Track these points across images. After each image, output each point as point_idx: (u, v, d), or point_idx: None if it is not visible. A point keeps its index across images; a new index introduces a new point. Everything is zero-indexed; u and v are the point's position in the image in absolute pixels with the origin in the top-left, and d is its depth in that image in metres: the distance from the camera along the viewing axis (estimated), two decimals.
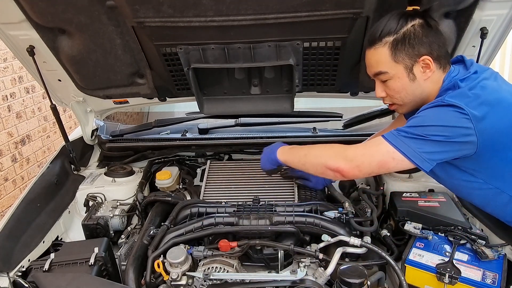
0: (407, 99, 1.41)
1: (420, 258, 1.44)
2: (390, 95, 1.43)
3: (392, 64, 1.35)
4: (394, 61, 1.34)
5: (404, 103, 1.43)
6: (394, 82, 1.38)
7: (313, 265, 1.44)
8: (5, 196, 3.92)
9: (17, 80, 4.11)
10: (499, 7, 1.47)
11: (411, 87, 1.37)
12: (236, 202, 1.75)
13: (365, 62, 1.43)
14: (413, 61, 1.33)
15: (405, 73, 1.35)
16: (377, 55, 1.36)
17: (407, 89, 1.38)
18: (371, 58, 1.39)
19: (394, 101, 1.45)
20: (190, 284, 1.43)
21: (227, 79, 1.83)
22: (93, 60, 1.75)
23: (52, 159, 2.11)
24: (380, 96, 1.46)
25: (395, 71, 1.36)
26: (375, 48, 1.36)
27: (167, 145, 2.22)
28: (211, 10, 1.43)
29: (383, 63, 1.36)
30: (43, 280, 1.36)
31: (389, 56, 1.34)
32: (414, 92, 1.39)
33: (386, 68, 1.36)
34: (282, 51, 1.64)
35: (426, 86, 1.38)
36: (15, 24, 1.61)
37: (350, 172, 1.37)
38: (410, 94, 1.40)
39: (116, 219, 1.89)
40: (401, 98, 1.42)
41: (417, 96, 1.40)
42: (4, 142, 3.90)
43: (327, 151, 1.47)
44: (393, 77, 1.37)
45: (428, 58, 1.32)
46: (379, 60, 1.36)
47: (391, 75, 1.37)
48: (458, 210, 1.65)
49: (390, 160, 1.30)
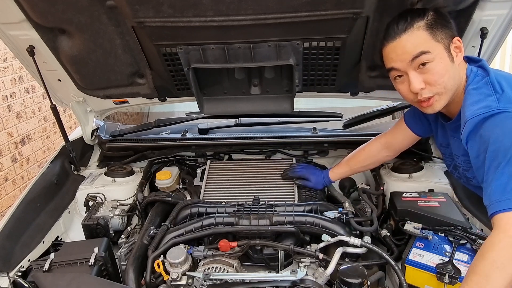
0: (450, 84, 1.29)
1: (420, 258, 1.44)
2: (433, 81, 1.28)
3: (433, 44, 1.25)
4: (434, 40, 1.25)
5: (447, 89, 1.30)
6: (437, 63, 1.26)
7: (313, 265, 1.44)
8: (5, 196, 3.92)
9: (17, 80, 4.11)
10: (499, 7, 1.47)
11: (452, 69, 1.28)
12: (236, 202, 1.76)
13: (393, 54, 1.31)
14: (448, 41, 1.26)
15: (446, 53, 1.26)
16: (414, 38, 1.25)
17: (449, 72, 1.28)
18: (406, 45, 1.26)
19: (436, 90, 1.29)
20: (190, 284, 1.43)
21: (227, 79, 1.83)
22: (93, 60, 1.75)
23: (52, 159, 2.11)
24: (419, 87, 1.29)
25: (438, 50, 1.25)
26: (409, 34, 1.25)
27: (167, 145, 2.22)
28: (211, 10, 1.43)
29: (423, 44, 1.25)
30: (43, 280, 1.36)
31: (429, 36, 1.24)
32: (454, 76, 1.30)
33: (428, 47, 1.25)
34: (282, 51, 1.64)
35: (460, 73, 1.31)
36: (15, 24, 1.61)
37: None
38: (452, 78, 1.29)
39: (116, 219, 1.89)
40: (444, 83, 1.28)
41: (456, 83, 1.31)
42: (4, 142, 3.91)
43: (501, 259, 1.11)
44: (435, 58, 1.26)
45: (459, 39, 1.27)
46: (418, 42, 1.25)
47: (434, 55, 1.25)
48: (458, 210, 1.65)
49: None
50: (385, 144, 1.78)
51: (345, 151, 2.21)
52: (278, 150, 2.28)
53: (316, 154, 2.29)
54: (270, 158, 2.29)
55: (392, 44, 1.29)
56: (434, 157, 2.11)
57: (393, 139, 1.77)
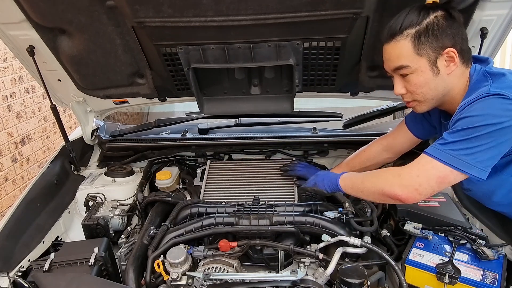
0: (429, 95, 1.34)
1: (420, 258, 1.44)
2: (411, 90, 1.35)
3: (415, 57, 1.28)
4: (417, 54, 1.27)
5: (426, 99, 1.36)
6: (416, 76, 1.31)
7: (313, 265, 1.44)
8: (5, 196, 3.92)
9: (17, 80, 4.11)
10: (499, 7, 1.47)
11: (434, 81, 1.31)
12: (236, 202, 1.75)
13: (384, 56, 1.37)
14: (437, 53, 1.27)
15: (428, 66, 1.29)
16: (398, 49, 1.29)
17: (429, 84, 1.31)
18: (391, 52, 1.32)
19: (415, 98, 1.37)
20: (190, 284, 1.43)
21: (227, 79, 1.83)
22: (93, 60, 1.75)
23: (52, 159, 2.11)
24: (399, 93, 1.38)
25: (418, 64, 1.29)
26: (396, 41, 1.29)
27: (167, 145, 2.22)
28: (211, 10, 1.43)
29: (404, 57, 1.29)
30: (43, 280, 1.36)
31: (412, 49, 1.27)
32: (437, 87, 1.32)
33: (408, 62, 1.29)
34: (282, 51, 1.64)
35: (450, 81, 1.32)
36: (15, 24, 1.61)
37: (409, 198, 1.30)
38: (432, 90, 1.33)
39: (116, 219, 1.89)
40: (423, 94, 1.34)
41: (440, 92, 1.34)
42: (4, 142, 3.91)
43: (382, 178, 1.40)
44: (415, 71, 1.30)
45: (453, 50, 1.27)
46: (400, 53, 1.29)
47: (413, 69, 1.30)
48: (458, 210, 1.65)
49: (451, 177, 1.25)
50: (386, 146, 1.78)
51: (345, 151, 2.21)
52: (278, 150, 2.28)
53: (316, 154, 2.29)
54: (270, 158, 2.29)
55: (384, 46, 1.36)
56: None
57: (394, 141, 1.76)
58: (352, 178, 1.55)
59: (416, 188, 1.28)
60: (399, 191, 1.31)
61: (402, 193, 1.30)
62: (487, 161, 1.21)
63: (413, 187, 1.29)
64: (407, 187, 1.30)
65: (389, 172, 1.42)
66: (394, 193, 1.32)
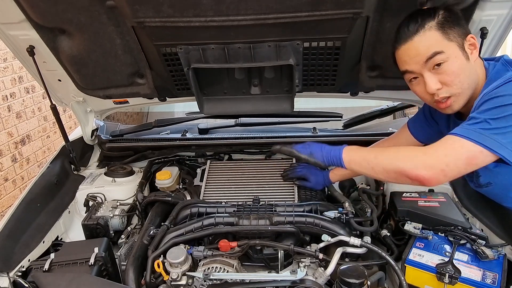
0: (466, 83, 1.26)
1: (420, 258, 1.44)
2: (449, 82, 1.26)
3: (446, 43, 1.22)
4: (447, 40, 1.22)
5: (463, 90, 1.27)
6: (452, 63, 1.24)
7: (313, 265, 1.44)
8: (5, 196, 3.92)
9: (17, 80, 4.11)
10: (499, 7, 1.47)
11: (468, 67, 1.26)
12: (236, 202, 1.75)
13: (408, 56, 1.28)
14: (462, 39, 1.24)
15: (460, 51, 1.24)
16: (426, 39, 1.23)
17: (465, 71, 1.25)
18: (419, 46, 1.24)
19: (453, 91, 1.27)
20: (190, 284, 1.43)
21: (227, 79, 1.83)
22: (93, 60, 1.75)
23: (52, 159, 2.11)
24: (435, 88, 1.27)
25: (451, 50, 1.23)
26: (421, 35, 1.23)
27: (167, 145, 2.22)
28: (211, 10, 1.43)
29: (436, 44, 1.22)
30: (43, 280, 1.36)
31: (441, 36, 1.22)
32: (470, 74, 1.27)
33: (441, 48, 1.22)
34: (282, 51, 1.64)
35: (476, 70, 1.28)
36: (15, 24, 1.61)
37: (433, 179, 1.19)
38: (468, 77, 1.26)
39: (116, 219, 1.89)
40: (460, 83, 1.26)
41: (474, 81, 1.28)
42: (4, 142, 3.91)
43: (402, 154, 1.27)
44: (450, 57, 1.23)
45: (473, 36, 1.24)
46: (430, 43, 1.23)
47: (448, 55, 1.23)
48: (458, 210, 1.65)
49: (480, 158, 1.15)
50: None
51: None
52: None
53: None
54: (270, 158, 2.29)
55: (405, 46, 1.27)
56: None
57: (396, 144, 1.75)
58: (362, 151, 1.41)
59: (443, 169, 1.17)
60: (422, 171, 1.18)
61: (427, 173, 1.18)
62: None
63: (440, 168, 1.17)
64: (433, 167, 1.18)
65: (410, 149, 1.28)
66: (416, 173, 1.19)
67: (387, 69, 1.74)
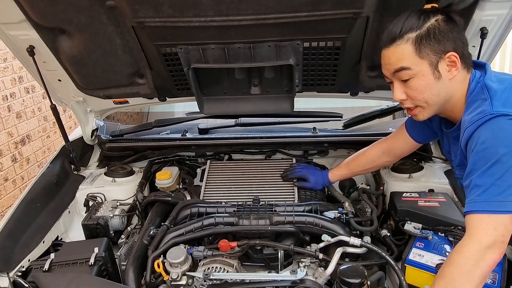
0: (431, 100, 1.28)
1: (420, 258, 1.44)
2: (413, 96, 1.29)
3: (416, 60, 1.23)
4: (418, 57, 1.22)
5: (428, 105, 1.30)
6: (417, 80, 1.25)
7: (313, 265, 1.44)
8: (5, 196, 3.92)
9: (17, 80, 4.11)
10: (499, 7, 1.47)
11: (436, 86, 1.26)
12: (236, 202, 1.75)
13: (383, 61, 1.32)
14: (438, 57, 1.22)
15: (429, 70, 1.24)
16: (399, 52, 1.24)
17: (431, 89, 1.26)
18: (391, 56, 1.27)
19: (417, 103, 1.31)
20: (190, 284, 1.43)
21: (227, 79, 1.83)
22: (93, 60, 1.75)
23: (52, 159, 2.11)
24: (399, 98, 1.32)
25: (419, 67, 1.23)
26: (396, 45, 1.24)
27: (167, 145, 2.22)
28: (211, 10, 1.43)
29: (405, 59, 1.24)
30: (43, 280, 1.36)
31: (413, 52, 1.22)
32: (439, 92, 1.27)
33: (409, 64, 1.24)
34: (282, 51, 1.64)
35: (451, 87, 1.27)
36: (15, 24, 1.61)
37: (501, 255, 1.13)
38: (434, 95, 1.27)
39: (116, 219, 1.89)
40: (424, 99, 1.28)
41: (442, 98, 1.29)
42: (4, 142, 3.91)
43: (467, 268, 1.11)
44: (416, 75, 1.25)
45: (454, 54, 1.22)
46: (401, 56, 1.24)
47: (415, 72, 1.24)
48: (458, 210, 1.65)
49: None
50: (386, 150, 1.77)
51: (345, 151, 2.21)
52: (278, 150, 2.28)
53: (316, 154, 2.29)
54: (270, 158, 2.29)
55: (383, 51, 1.30)
56: (434, 157, 2.11)
57: (393, 145, 1.75)
58: None
59: (502, 241, 1.12)
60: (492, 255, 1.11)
61: (496, 255, 1.11)
62: None
63: (500, 241, 1.11)
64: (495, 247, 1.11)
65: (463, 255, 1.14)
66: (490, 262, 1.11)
67: None
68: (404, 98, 1.32)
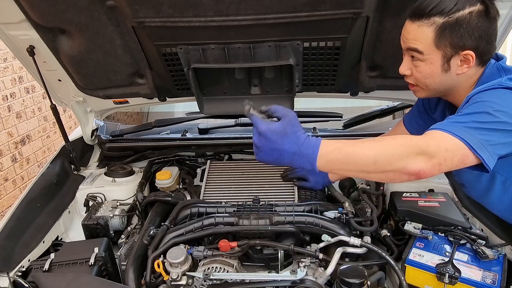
0: (431, 86, 1.30)
1: (420, 258, 1.44)
2: (416, 76, 1.31)
3: (432, 48, 1.22)
4: (435, 46, 1.21)
5: (427, 89, 1.32)
6: (425, 65, 1.25)
7: (313, 265, 1.44)
8: (5, 196, 3.92)
9: (17, 80, 4.11)
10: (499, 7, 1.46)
11: (441, 77, 1.26)
12: (236, 202, 1.75)
13: (403, 29, 1.28)
14: (454, 52, 1.21)
15: (440, 61, 1.23)
16: (419, 33, 1.22)
17: (435, 78, 1.27)
18: (411, 33, 1.24)
19: (417, 83, 1.33)
20: (190, 284, 1.43)
21: (227, 79, 1.83)
22: (93, 60, 1.75)
23: (52, 159, 2.11)
24: (404, 73, 1.33)
25: (431, 56, 1.23)
26: (420, 25, 1.21)
27: (167, 145, 2.22)
28: (211, 10, 1.43)
29: (422, 43, 1.22)
30: (43, 280, 1.36)
31: (432, 39, 1.20)
32: (442, 82, 1.28)
33: (423, 49, 1.23)
34: (282, 51, 1.64)
35: (457, 80, 1.27)
36: (15, 24, 1.61)
37: (430, 173, 1.09)
38: (437, 83, 1.28)
39: (116, 219, 1.89)
40: (425, 84, 1.30)
41: (444, 87, 1.30)
42: (4, 142, 3.91)
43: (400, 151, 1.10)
44: (425, 61, 1.25)
45: (472, 54, 1.20)
46: (419, 38, 1.22)
47: (426, 58, 1.24)
48: (458, 210, 1.65)
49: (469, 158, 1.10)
50: None
51: None
52: None
53: None
54: None
55: (407, 21, 1.26)
56: None
57: None
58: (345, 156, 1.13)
59: (441, 163, 1.09)
60: (423, 165, 1.07)
61: (426, 167, 1.08)
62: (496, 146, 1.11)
63: (439, 161, 1.09)
64: (432, 160, 1.08)
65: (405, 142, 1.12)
66: (418, 169, 1.08)
67: (387, 69, 1.74)
68: (408, 74, 1.33)
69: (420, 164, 1.08)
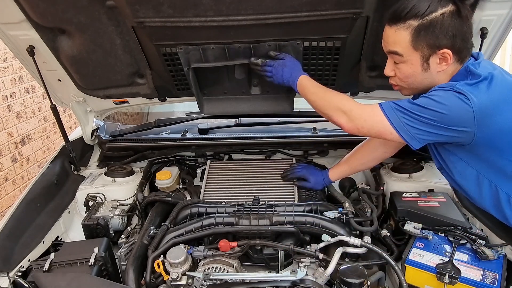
0: (413, 85, 1.39)
1: (420, 258, 1.44)
2: (399, 77, 1.40)
3: (409, 50, 1.30)
4: (412, 47, 1.29)
5: (410, 88, 1.42)
6: (405, 66, 1.34)
7: (313, 265, 1.44)
8: (5, 196, 3.92)
9: (17, 80, 4.11)
10: (499, 7, 1.47)
11: (422, 76, 1.34)
12: (236, 202, 1.75)
13: (382, 36, 1.38)
14: (431, 51, 1.28)
15: (419, 61, 1.31)
16: (396, 37, 1.30)
17: (416, 77, 1.35)
18: (389, 36, 1.33)
19: (400, 84, 1.42)
20: (190, 284, 1.43)
21: (227, 79, 1.83)
22: (93, 60, 1.75)
23: (52, 159, 2.11)
24: (388, 74, 1.43)
25: (411, 57, 1.31)
26: (397, 28, 1.29)
27: (167, 145, 2.22)
28: (211, 10, 1.44)
29: (400, 46, 1.31)
30: (43, 280, 1.36)
31: (409, 41, 1.28)
32: (423, 81, 1.35)
33: (402, 51, 1.31)
34: (282, 51, 1.64)
35: (437, 77, 1.34)
36: (15, 24, 1.61)
37: (350, 131, 1.41)
38: (418, 82, 1.37)
39: (116, 219, 1.89)
40: (407, 83, 1.39)
41: (425, 85, 1.36)
42: (4, 142, 3.90)
43: (336, 100, 1.46)
44: (406, 62, 1.33)
45: (448, 52, 1.27)
46: (397, 41, 1.31)
47: (405, 60, 1.33)
48: (458, 210, 1.65)
49: (388, 134, 1.33)
50: (383, 141, 1.77)
51: (345, 151, 2.20)
52: (278, 150, 2.28)
53: (316, 154, 2.29)
54: (270, 158, 2.29)
55: (386, 26, 1.35)
56: None
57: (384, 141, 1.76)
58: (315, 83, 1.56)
59: (358, 128, 1.39)
60: (344, 122, 1.41)
61: (346, 125, 1.41)
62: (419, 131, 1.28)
63: (357, 126, 1.39)
64: (352, 122, 1.39)
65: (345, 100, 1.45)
66: (339, 122, 1.43)
67: None
68: (392, 75, 1.43)
69: (341, 120, 1.42)
